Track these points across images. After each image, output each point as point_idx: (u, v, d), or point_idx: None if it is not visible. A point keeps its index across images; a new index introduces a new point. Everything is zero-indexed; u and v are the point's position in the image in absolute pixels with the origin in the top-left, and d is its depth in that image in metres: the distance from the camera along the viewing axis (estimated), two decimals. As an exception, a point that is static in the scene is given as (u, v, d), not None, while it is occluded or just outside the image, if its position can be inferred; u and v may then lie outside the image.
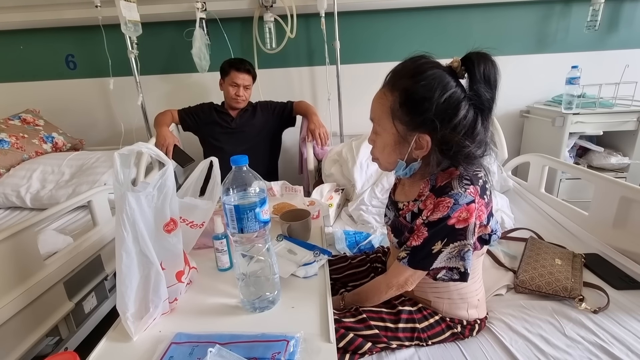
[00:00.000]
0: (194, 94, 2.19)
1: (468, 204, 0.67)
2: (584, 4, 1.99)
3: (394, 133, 0.71)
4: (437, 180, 0.73)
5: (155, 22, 1.99)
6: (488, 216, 0.73)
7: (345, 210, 1.58)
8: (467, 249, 0.70)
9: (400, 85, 0.69)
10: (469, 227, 0.68)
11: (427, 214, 0.71)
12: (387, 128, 0.72)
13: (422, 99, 0.66)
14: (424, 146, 0.70)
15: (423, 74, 0.66)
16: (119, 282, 0.62)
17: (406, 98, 0.68)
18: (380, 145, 0.76)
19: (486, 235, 0.76)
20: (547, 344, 0.80)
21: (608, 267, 1.07)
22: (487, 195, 0.72)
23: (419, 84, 0.66)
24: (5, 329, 0.88)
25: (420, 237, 0.71)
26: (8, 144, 1.73)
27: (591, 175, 1.27)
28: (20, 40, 2.11)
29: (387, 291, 0.79)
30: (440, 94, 0.65)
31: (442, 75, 0.67)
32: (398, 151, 0.73)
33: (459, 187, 0.68)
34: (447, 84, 0.66)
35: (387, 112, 0.71)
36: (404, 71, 0.69)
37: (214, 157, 0.83)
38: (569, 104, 1.85)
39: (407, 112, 0.68)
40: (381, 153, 0.77)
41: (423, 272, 0.75)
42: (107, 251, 1.25)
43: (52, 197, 1.54)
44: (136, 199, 0.61)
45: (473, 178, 0.70)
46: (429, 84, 0.65)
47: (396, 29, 2.10)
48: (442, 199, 0.68)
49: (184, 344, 0.60)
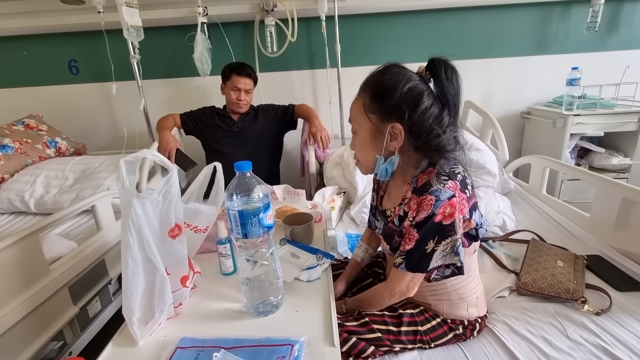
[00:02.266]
0: (196, 98, 2.21)
1: (449, 198, 0.69)
2: (584, 5, 2.00)
3: (369, 127, 0.76)
4: (417, 182, 0.75)
5: (157, 27, 2.01)
6: (470, 210, 0.74)
7: (347, 213, 1.59)
8: (459, 244, 0.72)
9: (370, 83, 0.77)
10: (455, 221, 0.70)
11: (412, 215, 0.73)
12: (362, 123, 0.77)
13: (388, 88, 0.73)
14: (398, 135, 0.74)
15: (389, 71, 0.75)
16: (125, 288, 0.63)
17: (375, 90, 0.75)
18: (359, 143, 0.80)
19: (472, 231, 0.77)
20: (549, 346, 0.80)
21: (610, 268, 1.08)
22: (468, 189, 0.73)
23: (384, 76, 0.75)
24: (11, 334, 0.89)
25: (412, 240, 0.72)
26: (12, 149, 1.74)
27: (592, 177, 1.27)
28: (23, 46, 2.13)
29: (389, 299, 0.80)
30: (404, 84, 0.72)
31: (406, 71, 0.75)
32: (375, 146, 0.77)
33: (438, 183, 0.70)
34: (410, 77, 0.73)
35: (361, 109, 0.77)
36: (374, 73, 0.77)
37: (217, 163, 0.84)
38: (569, 105, 1.86)
39: (378, 103, 0.74)
40: (360, 150, 0.80)
41: (422, 274, 0.75)
42: (111, 255, 1.26)
43: (56, 202, 1.55)
44: (142, 206, 0.62)
45: (450, 174, 0.72)
46: (393, 76, 0.74)
47: (397, 31, 2.11)
48: (423, 197, 0.70)
49: (190, 349, 0.60)
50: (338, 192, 1.65)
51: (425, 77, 0.74)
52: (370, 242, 1.03)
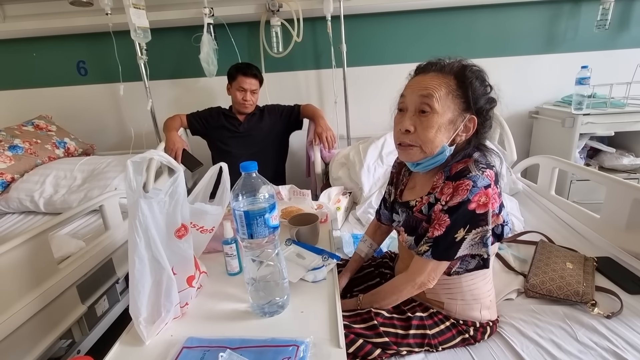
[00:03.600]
0: (202, 98, 2.22)
1: (486, 187, 0.69)
2: (594, 3, 1.97)
3: (452, 110, 0.73)
4: (451, 170, 0.74)
5: (164, 28, 2.02)
6: (500, 206, 0.74)
7: (353, 213, 1.58)
8: (489, 235, 0.72)
9: (459, 69, 0.74)
10: (488, 211, 0.70)
11: (445, 199, 0.72)
12: (447, 105, 0.72)
13: (481, 80, 0.75)
14: (471, 129, 0.75)
15: (470, 64, 0.76)
16: (132, 287, 0.64)
17: (467, 78, 0.73)
18: (434, 125, 0.72)
19: (499, 228, 0.76)
20: (558, 349, 0.79)
21: (621, 270, 1.06)
22: (499, 185, 0.74)
23: (473, 68, 0.75)
24: (21, 332, 0.90)
25: (442, 226, 0.71)
26: (22, 149, 1.77)
27: (602, 177, 1.25)
28: (33, 48, 2.16)
29: (410, 290, 0.79)
30: (488, 81, 0.76)
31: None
32: (447, 133, 0.74)
33: (477, 169, 0.70)
34: (484, 79, 0.77)
35: (448, 89, 0.73)
36: (456, 62, 0.76)
37: (223, 163, 0.84)
38: (579, 105, 1.83)
39: (465, 91, 0.73)
40: (430, 133, 0.72)
41: (446, 264, 0.75)
42: (118, 255, 1.27)
43: (64, 202, 1.57)
44: (148, 206, 0.62)
45: (488, 164, 0.72)
46: (479, 71, 0.76)
47: (402, 31, 2.10)
48: (460, 181, 0.70)
49: (196, 348, 0.61)
50: (344, 193, 1.65)
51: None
52: (375, 236, 1.03)
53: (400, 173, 0.93)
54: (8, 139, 1.76)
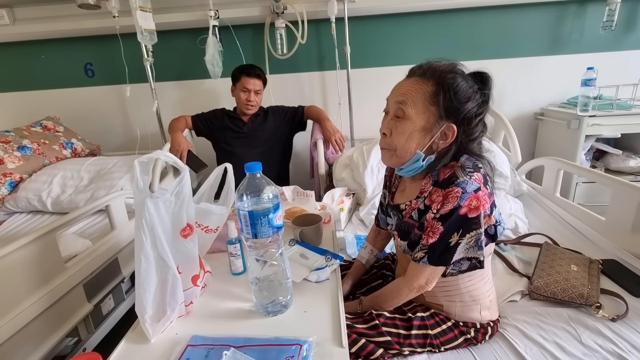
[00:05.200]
0: (207, 99, 2.24)
1: (475, 191, 0.69)
2: (600, 4, 1.96)
3: (426, 117, 0.72)
4: (439, 175, 0.74)
5: (170, 30, 2.04)
6: (491, 206, 0.74)
7: (357, 214, 1.58)
8: (483, 237, 0.72)
9: (439, 74, 0.72)
10: (480, 215, 0.70)
11: (437, 207, 0.72)
12: (420, 112, 0.72)
13: (461, 89, 0.71)
14: (449, 137, 0.73)
15: (458, 70, 0.74)
16: (138, 286, 0.64)
17: (445, 85, 0.71)
18: (406, 131, 0.73)
19: (492, 228, 0.76)
20: (562, 352, 0.79)
21: (626, 273, 1.05)
22: (488, 185, 0.73)
23: (456, 75, 0.72)
24: (29, 330, 0.92)
25: (435, 233, 0.72)
26: (30, 150, 1.80)
27: (608, 179, 1.24)
28: (41, 50, 2.20)
29: (407, 294, 0.79)
30: (474, 91, 0.72)
31: (469, 77, 0.75)
32: (422, 139, 0.73)
33: (464, 175, 0.69)
34: (474, 84, 0.74)
35: (423, 96, 0.72)
36: (441, 66, 0.74)
37: (228, 164, 0.85)
38: (584, 106, 1.81)
39: (443, 98, 0.71)
40: (402, 139, 0.74)
41: (443, 268, 0.75)
42: (124, 254, 1.29)
43: (71, 202, 1.59)
44: (155, 205, 0.63)
45: (474, 167, 0.72)
46: (465, 79, 0.73)
47: (406, 33, 2.10)
48: (449, 189, 0.69)
49: (200, 347, 0.61)
50: (347, 194, 1.65)
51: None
52: (375, 242, 1.03)
53: (392, 176, 0.93)
54: (17, 140, 1.79)
